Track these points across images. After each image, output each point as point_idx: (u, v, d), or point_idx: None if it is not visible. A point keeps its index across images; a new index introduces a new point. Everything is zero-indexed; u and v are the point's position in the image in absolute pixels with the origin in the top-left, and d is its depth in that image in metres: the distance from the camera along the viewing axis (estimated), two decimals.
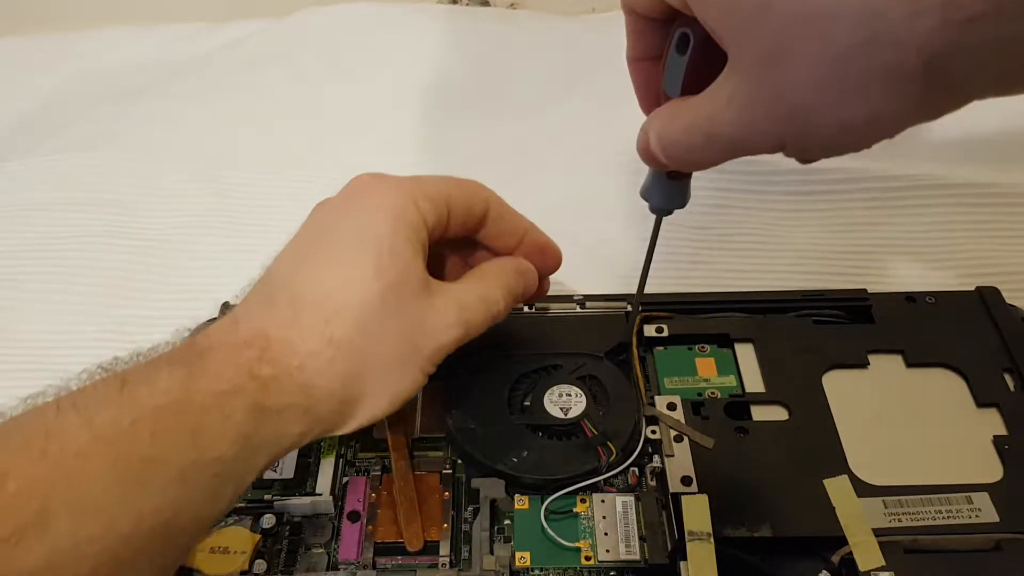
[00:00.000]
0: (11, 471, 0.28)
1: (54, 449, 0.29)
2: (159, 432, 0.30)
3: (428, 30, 0.77)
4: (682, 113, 0.32)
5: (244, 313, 0.35)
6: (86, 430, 0.29)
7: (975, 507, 0.39)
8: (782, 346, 0.46)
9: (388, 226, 0.35)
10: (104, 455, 0.29)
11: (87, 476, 0.29)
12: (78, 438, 0.29)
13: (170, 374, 0.31)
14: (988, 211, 0.59)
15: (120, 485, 0.29)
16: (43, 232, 0.62)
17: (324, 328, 0.34)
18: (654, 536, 0.38)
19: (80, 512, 0.28)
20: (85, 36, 0.79)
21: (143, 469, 0.30)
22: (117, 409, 0.30)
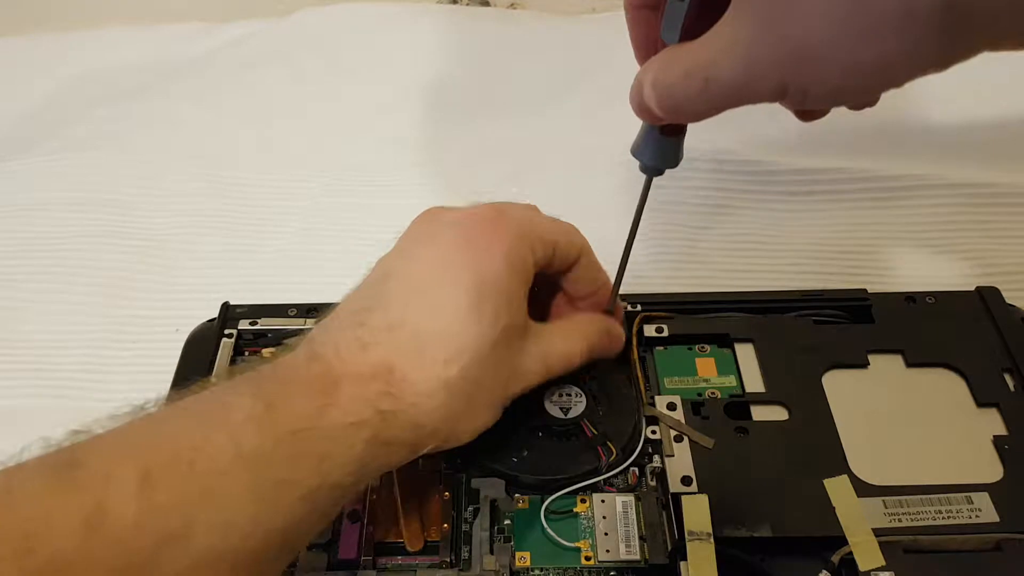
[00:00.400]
0: (161, 482, 0.29)
1: (201, 465, 0.30)
2: (294, 456, 0.31)
3: (428, 30, 0.77)
4: (680, 59, 0.31)
5: (371, 338, 0.35)
6: (231, 449, 0.30)
7: (975, 507, 0.39)
8: (782, 346, 0.46)
9: (506, 270, 0.36)
10: (245, 475, 0.30)
11: (229, 494, 0.30)
12: (224, 455, 0.30)
13: (308, 401, 0.33)
14: (988, 211, 0.59)
15: (256, 504, 0.30)
16: (43, 232, 0.62)
17: (442, 370, 0.34)
18: (654, 536, 0.38)
19: (220, 528, 0.29)
20: (85, 36, 0.80)
21: (277, 490, 0.31)
22: (262, 431, 0.31)
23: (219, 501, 0.30)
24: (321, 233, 0.62)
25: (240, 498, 0.30)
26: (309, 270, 0.59)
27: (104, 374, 0.54)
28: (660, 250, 0.58)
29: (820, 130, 0.64)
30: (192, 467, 0.29)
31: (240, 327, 0.48)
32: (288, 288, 0.57)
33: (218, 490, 0.30)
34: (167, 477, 0.29)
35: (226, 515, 0.30)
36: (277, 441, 0.31)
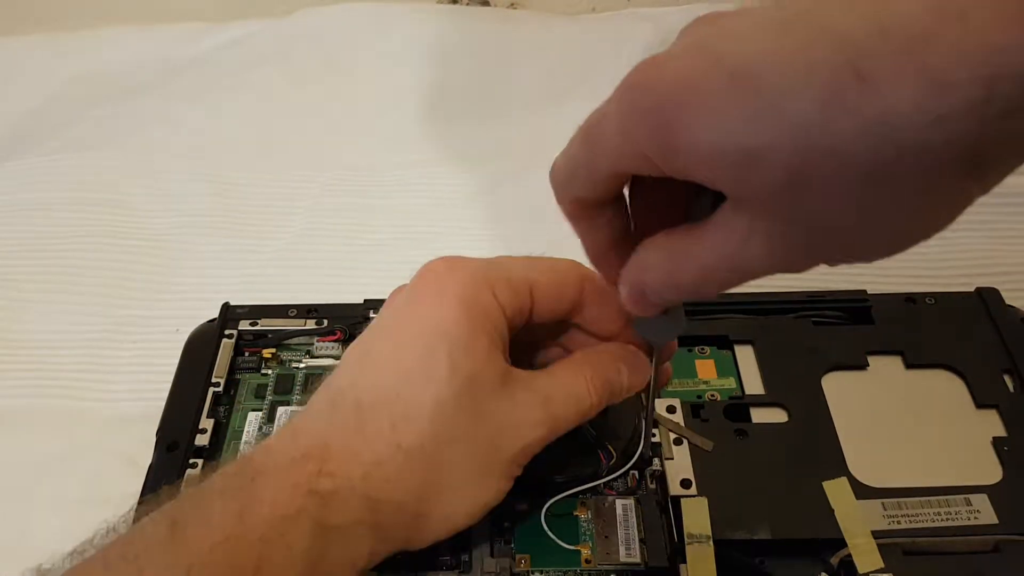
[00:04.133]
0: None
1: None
2: (222, 570, 0.27)
3: (428, 30, 0.77)
4: (694, 256, 0.27)
5: (305, 422, 0.32)
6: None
7: (974, 509, 0.39)
8: (782, 348, 0.46)
9: (460, 318, 0.32)
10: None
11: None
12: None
13: (223, 507, 0.29)
14: (988, 212, 0.59)
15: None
16: (43, 232, 0.62)
17: (391, 433, 0.31)
18: (654, 539, 0.38)
19: None
20: (85, 36, 0.80)
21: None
22: (170, 555, 0.27)
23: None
24: (321, 233, 0.62)
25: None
26: (309, 270, 0.59)
27: (104, 374, 0.54)
28: None
29: None
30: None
31: (240, 327, 0.48)
32: (288, 288, 0.57)
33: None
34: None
35: None
36: (190, 564, 0.27)
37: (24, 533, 0.46)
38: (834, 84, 0.21)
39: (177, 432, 0.43)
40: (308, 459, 0.30)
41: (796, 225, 0.24)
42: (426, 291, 0.33)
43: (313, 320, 0.48)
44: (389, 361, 0.32)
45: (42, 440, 0.50)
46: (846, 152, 0.22)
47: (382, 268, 0.59)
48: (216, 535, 0.28)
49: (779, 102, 0.22)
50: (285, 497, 0.29)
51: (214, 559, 0.27)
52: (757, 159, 0.23)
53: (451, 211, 0.63)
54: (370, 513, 0.30)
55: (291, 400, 0.45)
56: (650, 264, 0.28)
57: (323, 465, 0.30)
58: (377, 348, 0.33)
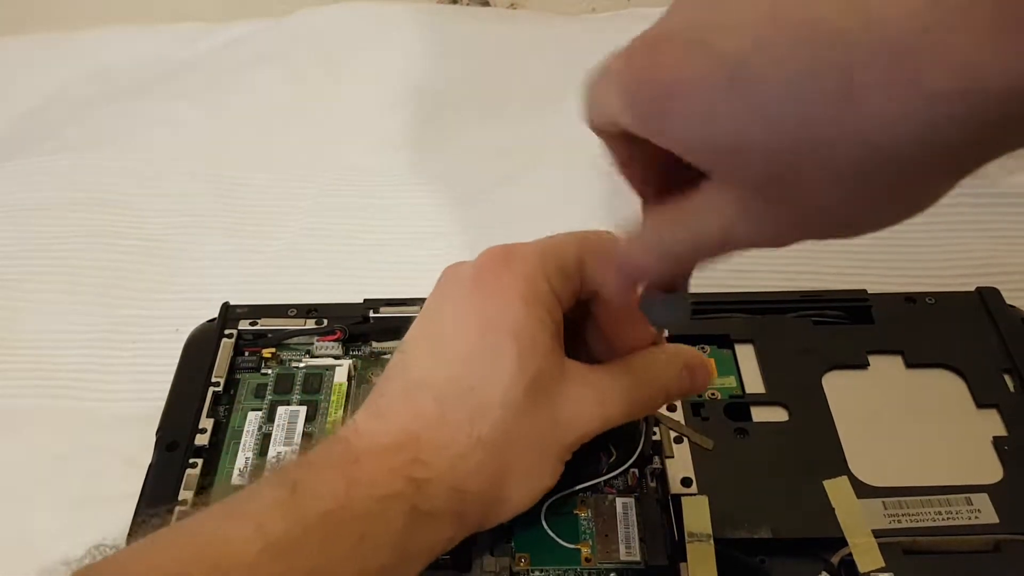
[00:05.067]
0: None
1: (226, 561, 0.28)
2: (327, 541, 0.29)
3: (428, 30, 0.77)
4: (685, 227, 0.28)
5: (388, 408, 0.34)
6: (258, 539, 0.28)
7: (974, 508, 0.39)
8: (782, 347, 0.46)
9: (523, 313, 0.33)
10: (277, 566, 0.28)
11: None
12: (250, 548, 0.28)
13: (334, 480, 0.30)
14: (988, 211, 0.59)
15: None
16: (43, 232, 0.62)
17: (470, 428, 0.32)
18: (654, 537, 0.38)
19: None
20: (85, 36, 0.80)
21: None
22: (288, 516, 0.29)
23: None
24: (321, 233, 0.62)
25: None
26: (309, 270, 0.59)
27: (104, 374, 0.54)
28: None
29: None
30: (216, 567, 0.28)
31: (240, 327, 0.48)
32: (288, 288, 0.57)
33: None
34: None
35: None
36: (306, 526, 0.29)
37: (24, 533, 0.46)
38: (823, 86, 0.21)
39: (177, 432, 0.43)
40: (402, 448, 0.32)
41: (780, 207, 0.25)
42: (489, 285, 0.34)
43: (313, 320, 0.48)
44: (461, 356, 0.34)
45: (42, 440, 0.50)
46: (832, 153, 0.22)
47: (382, 268, 0.59)
48: (329, 502, 0.30)
49: (767, 101, 0.22)
50: (387, 479, 0.31)
51: (326, 525, 0.29)
52: (744, 153, 0.23)
53: (451, 211, 0.63)
54: (456, 502, 0.32)
55: (291, 400, 0.45)
56: (645, 236, 0.30)
57: (417, 454, 0.32)
58: (447, 340, 0.34)
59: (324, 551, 0.29)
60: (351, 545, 0.29)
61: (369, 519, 0.30)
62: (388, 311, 0.48)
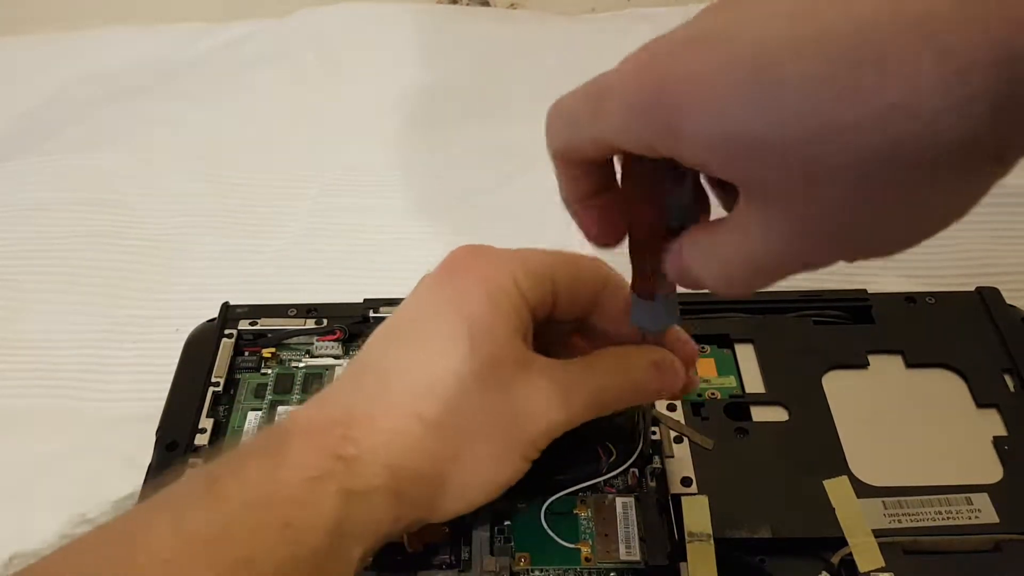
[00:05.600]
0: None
1: (142, 557, 0.27)
2: (250, 529, 0.28)
3: (428, 30, 0.77)
4: (712, 251, 0.27)
5: (331, 393, 0.34)
6: (175, 535, 0.27)
7: (975, 508, 0.39)
8: (782, 346, 0.46)
9: (483, 302, 0.33)
10: (195, 561, 0.27)
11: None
12: (166, 544, 0.27)
13: (258, 465, 0.30)
14: (988, 211, 0.58)
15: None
16: (43, 232, 0.62)
17: (413, 404, 0.32)
18: (654, 537, 0.38)
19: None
20: (85, 36, 0.80)
21: (238, 572, 0.27)
22: (208, 508, 0.28)
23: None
24: (321, 233, 0.62)
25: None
26: (309, 270, 0.59)
27: (104, 374, 0.54)
28: None
29: None
30: (132, 564, 0.27)
31: (240, 327, 0.48)
32: (288, 288, 0.57)
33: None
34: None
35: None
36: (227, 516, 0.28)
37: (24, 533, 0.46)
38: (850, 71, 0.20)
39: (177, 432, 0.43)
40: (334, 425, 0.31)
41: (811, 220, 0.23)
42: (451, 276, 0.35)
43: (313, 320, 0.48)
44: (413, 339, 0.33)
45: (42, 440, 0.50)
46: (862, 142, 0.21)
47: (382, 268, 0.59)
48: (249, 493, 0.29)
49: (792, 92, 0.21)
50: (312, 460, 0.30)
51: (246, 515, 0.28)
52: (769, 151, 0.22)
53: (451, 211, 0.63)
54: (392, 480, 0.31)
55: (291, 400, 0.45)
56: (701, 264, 0.28)
57: (347, 431, 0.31)
58: (402, 328, 0.34)
59: (248, 541, 0.28)
60: (277, 532, 0.28)
61: (296, 504, 0.29)
62: (388, 311, 0.48)
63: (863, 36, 0.20)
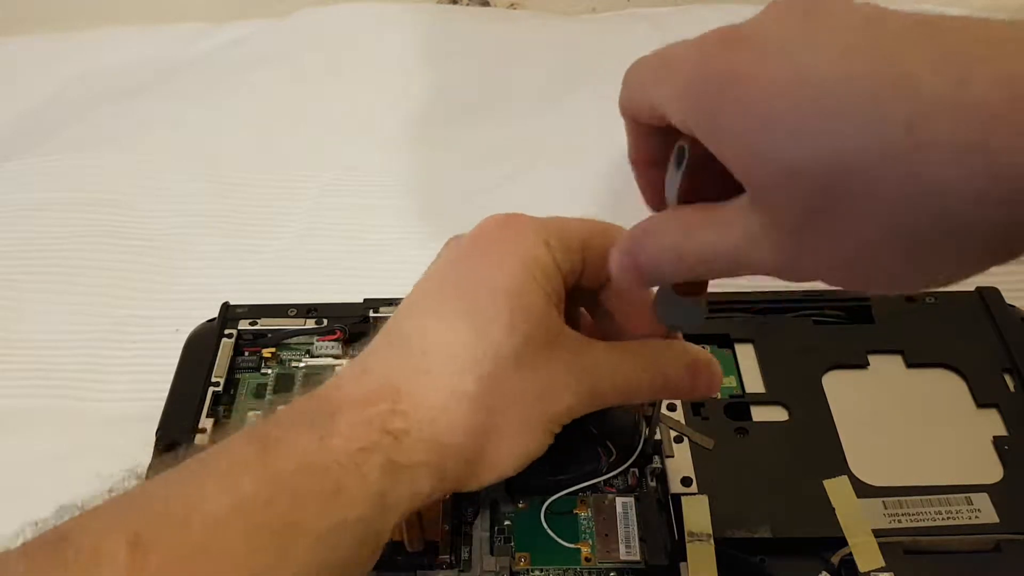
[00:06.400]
0: (153, 543, 0.26)
1: (196, 518, 0.27)
2: (300, 495, 0.29)
3: (428, 30, 0.77)
4: (697, 233, 0.27)
5: (373, 362, 0.33)
6: (228, 496, 0.28)
7: (975, 508, 0.39)
8: (782, 346, 0.46)
9: (519, 274, 0.33)
10: (247, 523, 0.28)
11: (230, 547, 0.27)
12: (220, 506, 0.28)
13: (308, 433, 0.30)
14: None
15: (263, 553, 0.28)
16: (43, 232, 0.62)
17: (455, 381, 0.32)
18: (654, 537, 0.38)
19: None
20: (85, 36, 0.80)
21: (285, 536, 0.28)
22: (258, 473, 0.29)
23: (220, 556, 0.27)
24: (321, 233, 0.62)
25: (243, 549, 0.27)
26: (309, 270, 0.59)
27: (104, 374, 0.54)
28: None
29: None
30: (185, 523, 0.27)
31: (240, 327, 0.48)
32: (288, 288, 0.57)
33: (218, 544, 0.27)
34: (159, 539, 0.27)
35: (230, 570, 0.27)
36: (277, 482, 0.29)
37: None
38: (888, 132, 0.21)
39: (177, 432, 0.43)
40: (380, 398, 0.31)
41: (807, 242, 0.24)
42: (486, 246, 0.34)
43: (313, 320, 0.48)
44: (454, 313, 0.33)
45: (42, 440, 0.50)
46: (878, 196, 0.22)
47: (382, 268, 0.59)
48: (301, 458, 0.29)
49: (837, 127, 0.22)
50: (361, 432, 0.30)
51: (298, 480, 0.29)
52: (797, 173, 0.23)
53: (451, 211, 0.63)
54: (435, 455, 0.31)
55: (291, 399, 0.45)
56: (661, 230, 0.29)
57: (395, 405, 0.31)
58: (441, 299, 0.34)
59: (297, 506, 0.28)
60: (325, 499, 0.29)
61: (344, 472, 0.29)
62: (388, 311, 0.48)
63: (908, 105, 0.21)
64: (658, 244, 0.29)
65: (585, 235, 0.35)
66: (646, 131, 0.30)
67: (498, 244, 0.34)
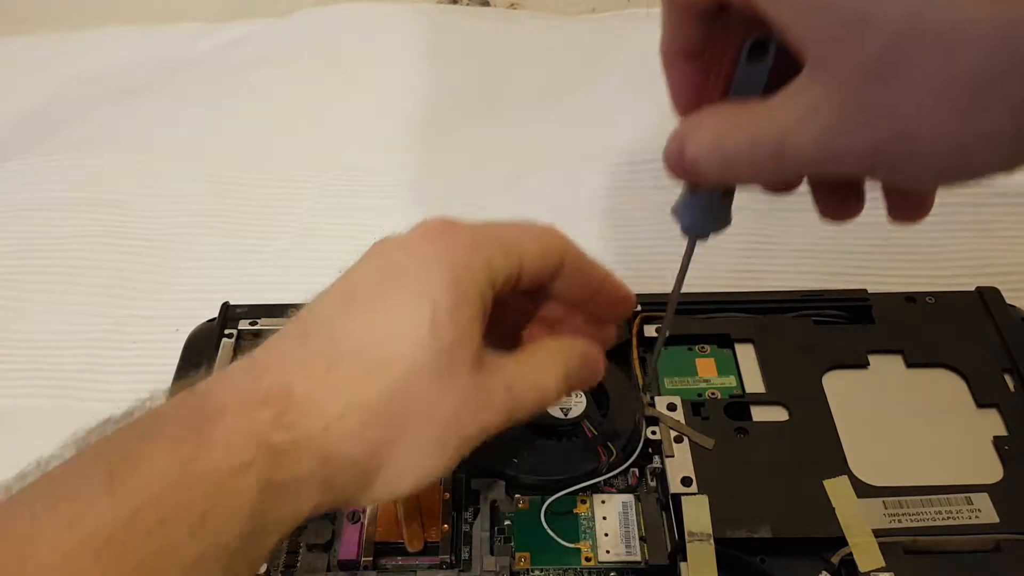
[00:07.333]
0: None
1: (31, 565, 0.24)
2: (157, 527, 0.25)
3: (428, 30, 0.77)
4: (746, 123, 0.26)
5: (271, 359, 0.30)
6: (69, 535, 0.25)
7: (975, 508, 0.39)
8: (782, 346, 0.46)
9: (452, 284, 0.31)
10: (94, 565, 0.25)
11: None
12: (62, 544, 0.25)
13: (173, 451, 0.27)
14: (988, 211, 0.59)
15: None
16: (43, 232, 0.62)
17: (361, 388, 0.29)
18: (654, 537, 0.38)
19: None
20: (85, 36, 0.80)
21: (139, 574, 0.25)
22: (104, 505, 0.25)
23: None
24: (321, 233, 0.62)
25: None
26: (309, 270, 0.59)
27: (104, 374, 0.54)
28: (660, 250, 0.58)
29: None
30: (22, 568, 0.24)
31: (240, 327, 0.48)
32: (288, 288, 0.57)
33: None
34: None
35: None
36: (131, 515, 0.25)
37: None
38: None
39: None
40: (268, 404, 0.28)
41: (868, 110, 0.23)
42: (421, 250, 0.32)
43: None
44: (370, 311, 0.31)
45: (42, 440, 0.50)
46: (957, 42, 0.21)
47: None
48: (158, 484, 0.26)
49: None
50: (238, 446, 0.27)
51: (153, 511, 0.26)
52: (866, 25, 0.22)
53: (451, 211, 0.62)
54: (322, 468, 0.29)
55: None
56: (700, 125, 0.28)
57: (283, 413, 0.28)
58: (361, 295, 0.32)
59: (153, 540, 0.25)
60: (188, 528, 0.26)
61: (212, 496, 0.26)
62: None
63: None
64: (704, 136, 0.28)
65: (524, 246, 0.33)
66: (691, 14, 0.29)
67: (432, 251, 0.32)
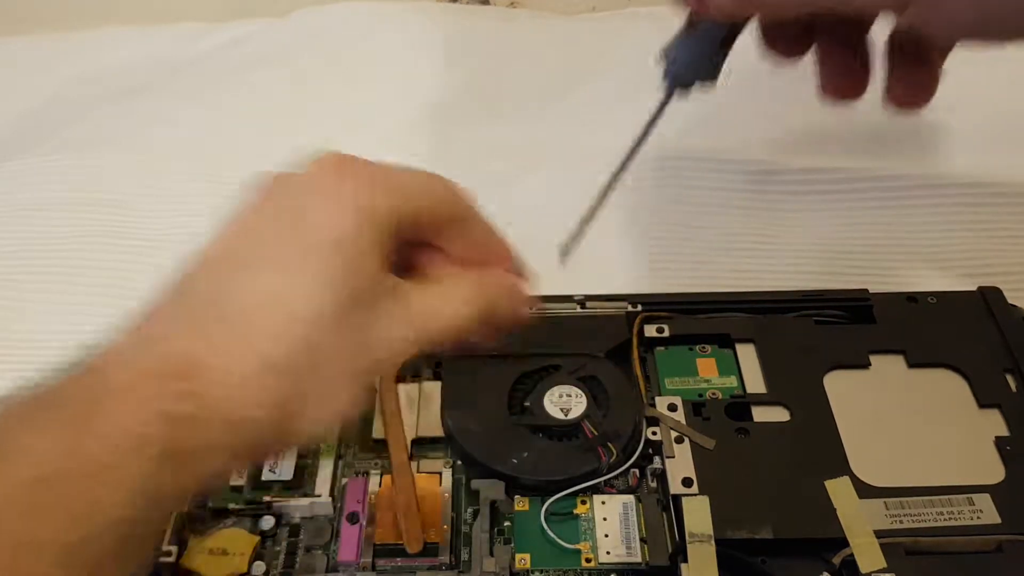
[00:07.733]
0: None
1: None
2: (35, 510, 0.24)
3: (428, 30, 0.77)
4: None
5: (162, 330, 0.29)
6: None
7: (977, 508, 0.39)
8: (783, 346, 0.46)
9: (351, 224, 0.29)
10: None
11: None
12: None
13: (58, 433, 0.25)
14: (990, 210, 0.59)
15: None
16: (43, 232, 0.62)
17: (266, 347, 0.28)
18: (655, 538, 0.38)
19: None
20: (85, 36, 0.79)
21: (18, 558, 0.24)
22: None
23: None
24: None
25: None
26: None
27: None
28: (660, 250, 0.58)
29: (820, 130, 0.64)
30: None
31: None
32: None
33: None
34: None
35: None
36: (9, 497, 0.24)
37: None
38: None
39: None
40: (167, 376, 0.27)
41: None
42: (319, 191, 0.31)
43: None
44: (271, 264, 0.29)
45: None
46: None
47: None
48: (40, 468, 0.25)
49: None
50: (133, 420, 0.26)
51: (35, 495, 0.25)
52: None
53: None
54: (228, 435, 0.27)
55: None
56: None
57: (186, 384, 0.27)
58: (256, 247, 0.30)
59: (29, 524, 0.24)
60: (69, 512, 0.25)
61: (102, 475, 0.25)
62: None
63: None
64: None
65: (422, 187, 0.33)
66: None
67: (332, 190, 0.30)
